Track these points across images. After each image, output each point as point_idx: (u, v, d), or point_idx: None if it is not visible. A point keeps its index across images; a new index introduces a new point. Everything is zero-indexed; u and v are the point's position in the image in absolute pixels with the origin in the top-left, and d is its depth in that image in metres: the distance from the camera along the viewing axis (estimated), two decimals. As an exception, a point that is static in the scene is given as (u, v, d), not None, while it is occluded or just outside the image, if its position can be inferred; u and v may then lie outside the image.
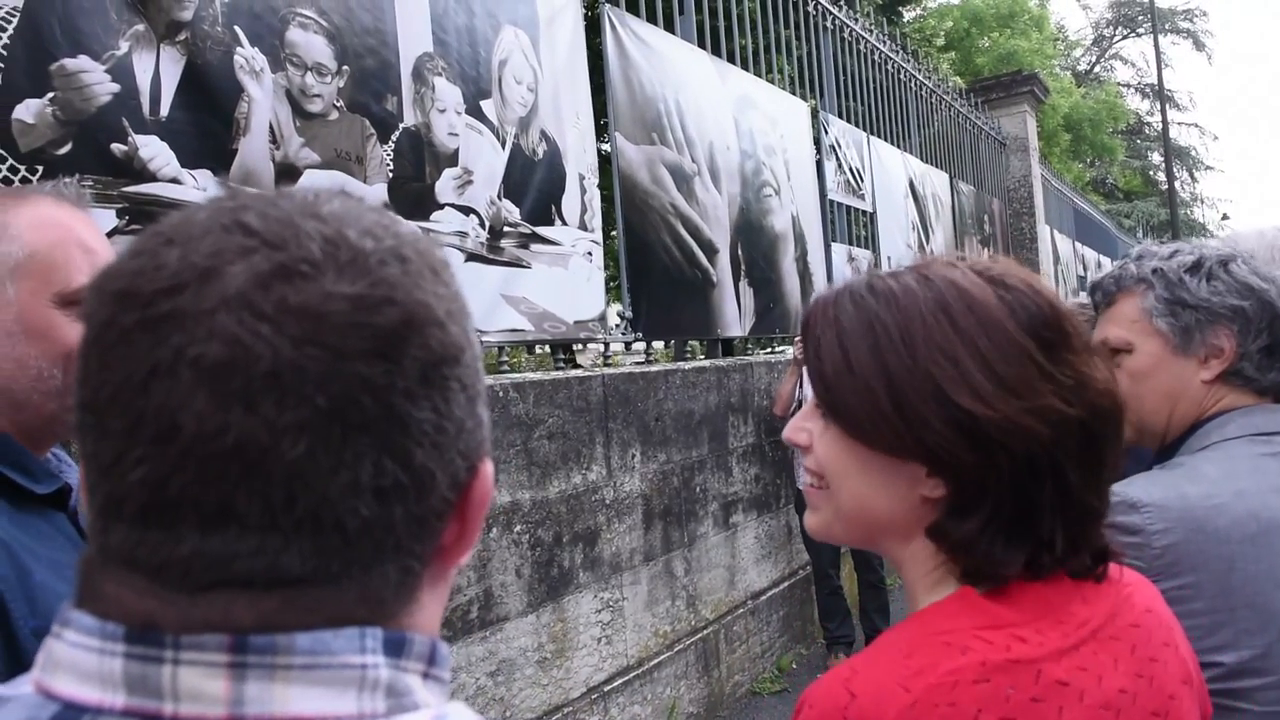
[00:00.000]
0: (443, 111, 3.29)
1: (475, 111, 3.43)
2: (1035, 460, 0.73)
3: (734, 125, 5.23)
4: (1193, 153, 35.57)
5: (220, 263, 0.42)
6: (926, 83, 8.79)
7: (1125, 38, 35.06)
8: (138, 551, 0.42)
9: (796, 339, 4.63)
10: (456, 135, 3.33)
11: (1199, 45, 33.99)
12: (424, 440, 0.44)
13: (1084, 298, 2.55)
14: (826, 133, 6.48)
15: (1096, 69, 34.68)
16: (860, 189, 6.95)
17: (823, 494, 0.82)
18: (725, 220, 4.98)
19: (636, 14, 4.51)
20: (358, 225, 0.45)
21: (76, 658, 0.42)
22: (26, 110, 2.20)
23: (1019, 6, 23.13)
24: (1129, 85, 34.83)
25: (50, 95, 2.24)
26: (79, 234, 1.05)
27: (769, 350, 5.64)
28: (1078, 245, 15.72)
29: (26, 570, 0.91)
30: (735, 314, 5.00)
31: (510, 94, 3.62)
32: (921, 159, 8.49)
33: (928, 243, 8.20)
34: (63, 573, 0.96)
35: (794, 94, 6.23)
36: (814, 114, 6.43)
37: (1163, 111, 19.81)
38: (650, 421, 3.93)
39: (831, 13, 6.80)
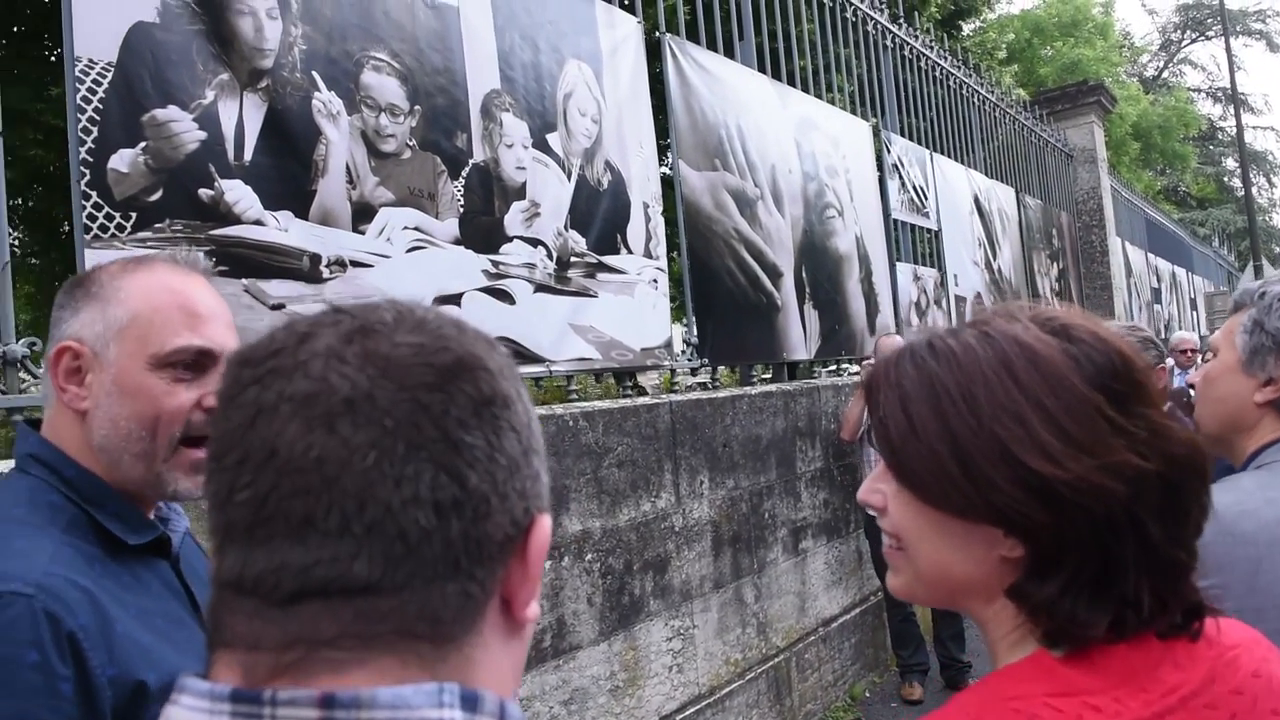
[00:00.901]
0: (510, 146, 3.35)
1: (541, 145, 3.49)
2: (1114, 518, 0.71)
3: (796, 148, 5.22)
4: (1269, 157, 34.46)
5: (316, 329, 0.52)
6: (990, 97, 8.67)
7: (1194, 41, 34.16)
8: (244, 572, 0.49)
9: (864, 361, 4.58)
10: (524, 169, 3.39)
11: (1273, 46, 32.94)
12: (476, 465, 0.51)
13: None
14: (889, 151, 6.42)
15: (1165, 74, 33.81)
16: (924, 207, 6.87)
17: (902, 556, 0.81)
18: (789, 243, 4.97)
19: (697, 41, 4.54)
20: (424, 311, 0.55)
21: None
22: (121, 160, 2.31)
23: (1082, 15, 22.73)
24: (1200, 90, 33.90)
25: (142, 145, 2.34)
26: (186, 299, 1.08)
27: (834, 372, 5.58)
28: (1150, 256, 15.27)
29: (109, 619, 0.94)
30: (800, 337, 4.97)
31: (575, 126, 3.67)
32: (986, 174, 8.35)
33: (994, 259, 8.06)
34: (149, 621, 1.00)
35: (854, 113, 6.19)
36: (875, 132, 6.38)
37: (1236, 116, 19.19)
38: (718, 447, 3.92)
39: (891, 31, 6.76)
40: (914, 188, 6.74)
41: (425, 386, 0.50)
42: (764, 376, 4.99)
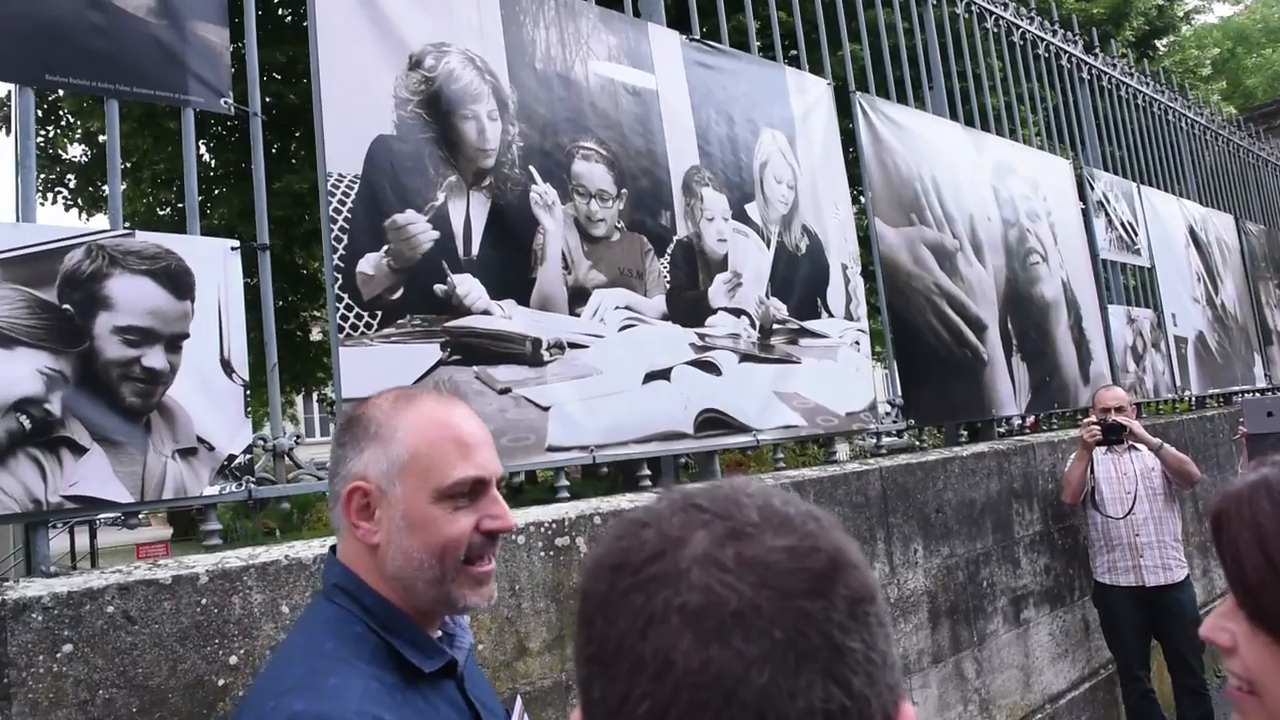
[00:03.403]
0: (711, 220, 3.40)
1: (740, 215, 3.52)
2: None
3: (993, 194, 5.02)
4: None
5: (686, 533, 0.53)
6: (1198, 120, 8.05)
7: None
8: None
9: (1084, 420, 4.29)
10: (725, 241, 3.43)
11: None
12: (858, 669, 0.50)
13: None
14: (1092, 188, 6.07)
15: (1397, 72, 30.40)
16: (1135, 244, 6.43)
17: (1255, 701, 0.75)
18: (992, 294, 4.76)
19: (886, 96, 4.48)
20: (778, 498, 0.56)
21: None
22: (367, 263, 2.50)
23: (1293, 16, 20.87)
24: None
25: (385, 248, 2.54)
26: (455, 430, 1.15)
27: (1049, 427, 5.26)
28: (1398, 277, 13.62)
29: None
30: (1009, 391, 4.73)
31: (772, 194, 3.68)
32: (1201, 202, 7.74)
33: (1216, 294, 7.41)
34: None
35: (1051, 149, 5.90)
36: (1076, 169, 6.05)
37: None
38: (930, 514, 3.77)
39: (1087, 63, 6.43)
40: (1122, 224, 6.33)
41: (805, 593, 0.51)
42: (962, 439, 4.76)
